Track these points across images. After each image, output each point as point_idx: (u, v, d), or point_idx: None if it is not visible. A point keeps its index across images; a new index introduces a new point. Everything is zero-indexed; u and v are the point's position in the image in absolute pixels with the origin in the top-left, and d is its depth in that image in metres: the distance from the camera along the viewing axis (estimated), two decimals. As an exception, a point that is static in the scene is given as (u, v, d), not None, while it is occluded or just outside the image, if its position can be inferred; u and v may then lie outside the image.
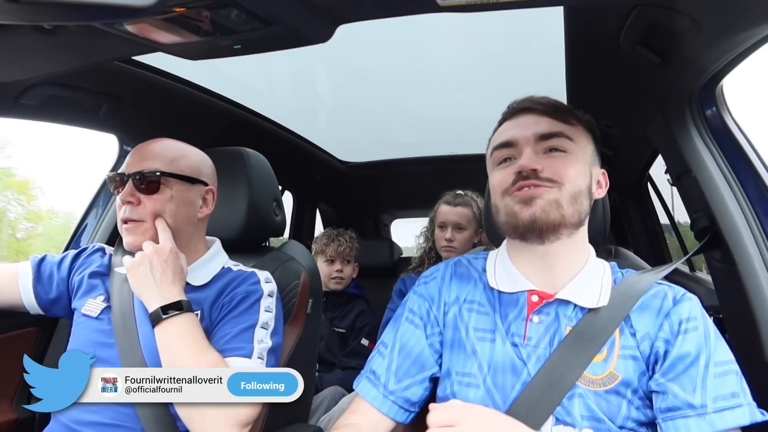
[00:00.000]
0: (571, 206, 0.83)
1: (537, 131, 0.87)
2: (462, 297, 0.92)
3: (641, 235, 2.33)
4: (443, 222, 1.94)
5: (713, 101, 1.17)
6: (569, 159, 0.86)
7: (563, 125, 0.88)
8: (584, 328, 0.81)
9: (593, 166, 0.90)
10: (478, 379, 0.84)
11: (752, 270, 1.08)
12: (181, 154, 1.09)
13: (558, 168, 0.84)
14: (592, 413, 0.78)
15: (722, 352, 0.78)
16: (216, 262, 1.14)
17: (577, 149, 0.87)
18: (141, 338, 1.01)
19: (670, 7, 0.92)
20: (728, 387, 0.75)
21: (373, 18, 0.95)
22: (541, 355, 0.82)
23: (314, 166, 2.51)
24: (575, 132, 0.88)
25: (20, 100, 1.21)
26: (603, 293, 0.84)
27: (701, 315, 0.81)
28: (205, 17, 0.83)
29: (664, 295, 0.83)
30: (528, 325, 0.84)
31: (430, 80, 2.38)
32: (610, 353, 0.80)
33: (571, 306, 0.84)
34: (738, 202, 1.13)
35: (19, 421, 1.34)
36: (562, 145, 0.86)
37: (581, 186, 0.85)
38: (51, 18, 0.68)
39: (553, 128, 0.87)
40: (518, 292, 0.87)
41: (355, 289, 2.31)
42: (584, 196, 0.86)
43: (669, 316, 0.81)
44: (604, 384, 0.79)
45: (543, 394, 0.78)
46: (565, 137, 0.87)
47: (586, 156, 0.89)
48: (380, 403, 0.89)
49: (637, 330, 0.81)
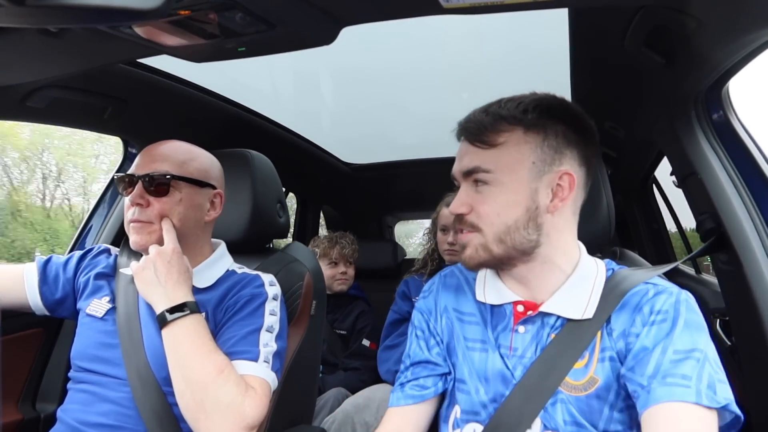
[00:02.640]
0: (500, 246, 0.80)
1: (462, 167, 0.84)
2: (452, 307, 0.93)
3: (646, 236, 2.32)
4: (445, 225, 1.93)
5: (719, 103, 1.17)
6: (492, 195, 0.80)
7: (484, 152, 0.81)
8: (566, 334, 0.81)
9: (540, 178, 0.80)
10: (470, 386, 0.86)
11: (759, 272, 1.07)
12: (190, 157, 1.09)
13: (481, 210, 0.81)
14: (573, 418, 0.78)
15: (687, 341, 0.74)
16: (221, 264, 1.14)
17: (500, 177, 0.80)
18: (145, 339, 1.02)
19: (676, 9, 0.92)
20: (681, 370, 0.72)
21: (377, 20, 0.95)
22: (527, 363, 0.82)
23: (318, 168, 2.52)
24: (499, 154, 0.80)
25: (26, 102, 1.21)
26: (591, 302, 0.81)
27: (674, 308, 0.77)
28: (209, 20, 0.83)
29: (645, 292, 0.80)
30: (513, 336, 0.84)
31: (434, 81, 2.37)
32: (590, 358, 0.80)
33: (555, 316, 0.83)
34: (744, 204, 1.12)
35: (24, 421, 1.35)
36: (484, 178, 0.81)
37: (509, 221, 0.80)
38: (57, 21, 0.68)
39: (473, 162, 0.82)
40: (504, 303, 0.87)
41: (354, 290, 2.32)
42: (519, 229, 0.80)
43: (641, 309, 0.78)
44: (584, 389, 0.78)
45: (526, 400, 0.79)
46: (482, 171, 0.81)
47: (520, 175, 0.80)
48: (399, 399, 0.93)
49: (614, 329, 0.80)
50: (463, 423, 0.86)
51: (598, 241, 1.02)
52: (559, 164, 0.81)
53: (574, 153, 0.83)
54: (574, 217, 0.86)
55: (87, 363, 1.05)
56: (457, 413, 0.88)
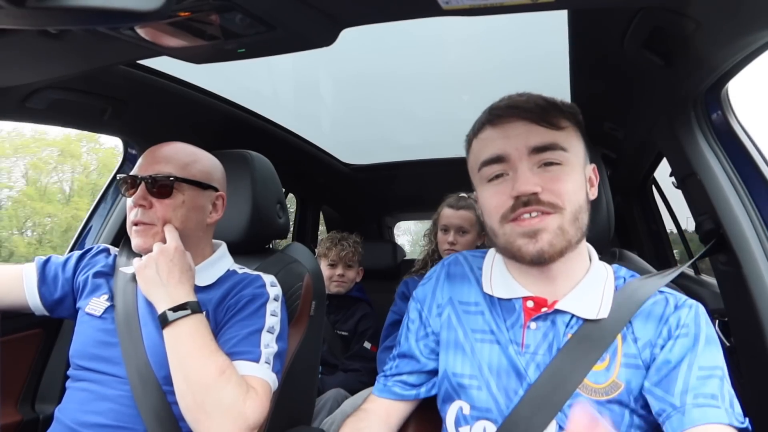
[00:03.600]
0: (574, 227, 0.80)
1: (529, 144, 0.79)
2: (456, 298, 0.92)
3: (645, 237, 2.32)
4: (446, 225, 1.93)
5: (718, 104, 1.17)
6: (566, 173, 0.79)
7: (555, 132, 0.80)
8: (585, 334, 0.80)
9: (585, 167, 0.85)
10: (481, 381, 0.84)
11: (758, 273, 1.07)
12: (194, 159, 1.09)
13: (558, 188, 0.78)
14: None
15: (709, 358, 0.76)
16: (221, 264, 1.14)
17: (571, 158, 0.81)
18: (145, 338, 1.02)
19: (675, 11, 0.92)
20: (709, 389, 0.74)
21: (376, 22, 0.95)
22: (540, 362, 0.81)
23: (318, 169, 2.52)
24: (567, 137, 0.82)
25: (26, 103, 1.21)
26: (604, 303, 0.82)
27: (695, 322, 0.79)
28: (209, 21, 0.83)
29: (666, 302, 0.82)
30: (525, 332, 0.84)
31: (434, 82, 2.38)
32: (612, 362, 0.79)
33: (569, 314, 0.83)
34: (743, 205, 1.12)
35: (23, 422, 1.34)
36: (557, 158, 0.79)
37: (581, 200, 0.81)
38: (57, 22, 0.68)
39: (546, 139, 0.79)
40: (514, 298, 0.86)
41: (358, 292, 2.31)
42: (584, 209, 0.82)
43: (667, 321, 0.80)
44: (606, 393, 0.78)
45: (545, 399, 0.78)
46: (560, 149, 0.80)
47: (580, 160, 0.83)
48: (380, 391, 0.96)
49: (638, 338, 0.80)
50: (473, 420, 0.84)
51: (598, 242, 1.01)
52: (590, 159, 0.88)
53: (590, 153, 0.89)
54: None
55: (86, 361, 1.04)
56: (463, 410, 0.86)
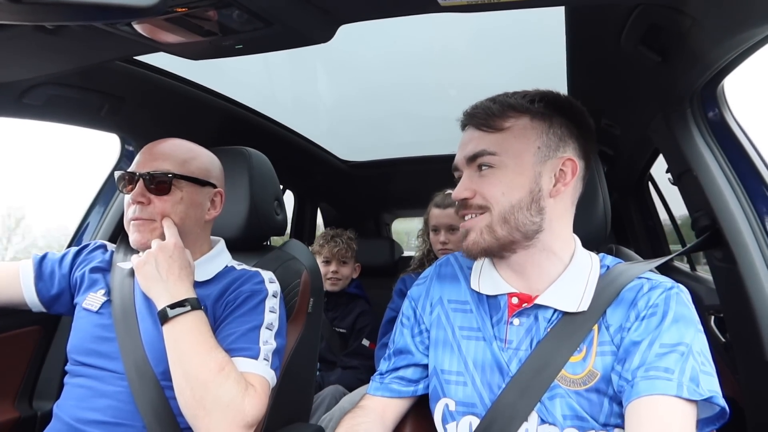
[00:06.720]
0: (505, 226, 0.81)
1: (466, 153, 0.85)
2: (446, 297, 0.94)
3: (642, 233, 2.33)
4: (435, 225, 1.92)
5: (714, 100, 1.18)
6: (496, 176, 0.82)
7: (490, 135, 0.83)
8: (563, 327, 0.82)
9: (544, 162, 0.83)
10: (466, 377, 0.86)
11: (753, 269, 1.08)
12: (192, 156, 1.09)
13: (484, 191, 0.82)
14: (574, 412, 0.78)
15: (674, 336, 0.75)
16: (220, 260, 1.14)
17: (505, 160, 0.82)
18: (142, 333, 1.02)
19: (672, 7, 0.92)
20: (664, 363, 0.73)
21: (374, 18, 0.95)
22: (522, 357, 0.83)
23: (315, 165, 2.51)
24: (504, 138, 0.83)
25: (23, 99, 1.21)
26: (586, 295, 0.82)
27: (665, 302, 0.78)
28: (206, 17, 0.83)
29: (640, 287, 0.81)
30: (508, 328, 0.85)
31: (431, 79, 2.38)
32: (588, 352, 0.80)
33: (551, 309, 0.84)
34: (739, 201, 1.13)
35: (21, 419, 1.34)
36: (488, 161, 0.83)
37: (513, 200, 0.81)
38: (53, 18, 0.68)
39: (478, 146, 0.83)
40: (499, 294, 0.87)
41: (356, 289, 2.31)
42: (522, 209, 0.81)
43: (636, 304, 0.80)
44: (584, 383, 0.79)
45: (521, 394, 0.80)
46: (488, 154, 0.82)
47: (525, 159, 0.82)
48: (376, 389, 0.96)
49: (611, 324, 0.81)
50: (459, 416, 0.86)
51: (595, 238, 1.02)
52: (563, 151, 0.84)
53: (576, 145, 0.86)
54: (573, 207, 0.88)
55: (83, 357, 1.04)
56: (449, 406, 0.87)
